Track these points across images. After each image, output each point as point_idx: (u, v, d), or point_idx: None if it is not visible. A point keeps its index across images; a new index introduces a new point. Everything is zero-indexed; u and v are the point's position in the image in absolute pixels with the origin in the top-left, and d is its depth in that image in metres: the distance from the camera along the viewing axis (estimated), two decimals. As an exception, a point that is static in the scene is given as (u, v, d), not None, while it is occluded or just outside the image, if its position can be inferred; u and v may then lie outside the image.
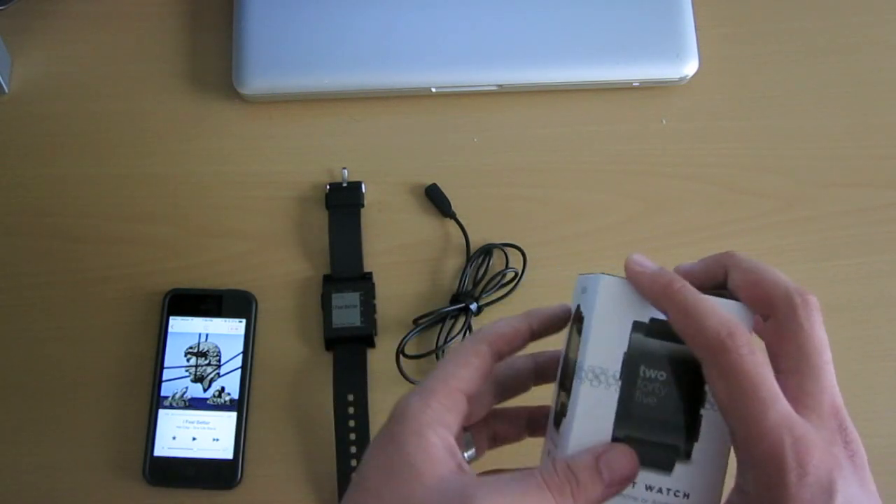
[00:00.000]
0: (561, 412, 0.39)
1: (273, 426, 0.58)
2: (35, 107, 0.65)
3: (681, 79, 0.64)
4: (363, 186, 0.62)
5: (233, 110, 0.65)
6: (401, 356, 0.57)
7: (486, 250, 0.60)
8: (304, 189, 0.63)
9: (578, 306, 0.40)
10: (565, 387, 0.39)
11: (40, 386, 0.59)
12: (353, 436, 0.57)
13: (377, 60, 0.63)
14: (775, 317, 0.37)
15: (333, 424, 0.57)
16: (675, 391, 0.37)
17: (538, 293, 0.60)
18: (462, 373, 0.37)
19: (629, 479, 0.35)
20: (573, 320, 0.40)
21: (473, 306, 0.59)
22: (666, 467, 0.36)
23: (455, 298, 0.59)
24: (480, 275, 0.60)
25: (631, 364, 0.37)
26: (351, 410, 0.57)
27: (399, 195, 0.63)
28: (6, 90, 0.64)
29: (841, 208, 0.62)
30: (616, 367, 0.37)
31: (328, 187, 0.62)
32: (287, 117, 0.64)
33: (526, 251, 0.60)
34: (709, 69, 0.64)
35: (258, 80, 0.63)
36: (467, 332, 0.58)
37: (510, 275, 0.60)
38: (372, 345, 0.59)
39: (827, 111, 0.65)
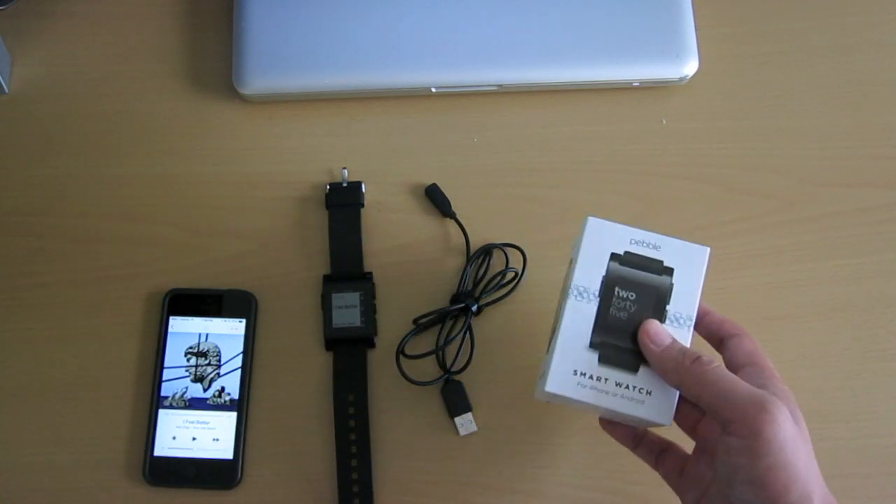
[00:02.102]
0: (552, 336, 0.48)
1: (273, 426, 0.58)
2: (35, 107, 0.65)
3: (681, 79, 0.64)
4: (363, 186, 0.62)
5: (233, 110, 0.65)
6: (401, 356, 0.57)
7: (486, 250, 0.60)
8: (304, 189, 0.63)
9: (571, 259, 0.49)
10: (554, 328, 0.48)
11: (40, 386, 0.59)
12: (353, 436, 0.57)
13: (377, 60, 0.63)
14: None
15: (333, 424, 0.57)
16: (642, 309, 0.46)
17: (538, 293, 0.60)
18: None
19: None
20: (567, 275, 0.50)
21: (473, 306, 0.59)
22: (633, 369, 0.46)
23: (455, 298, 0.59)
24: (480, 275, 0.60)
25: (608, 285, 0.47)
26: (351, 410, 0.57)
27: (399, 195, 0.63)
28: (6, 90, 0.65)
29: (841, 208, 0.62)
30: (596, 286, 0.47)
31: (328, 187, 0.62)
32: (287, 117, 0.64)
33: (526, 251, 0.60)
34: (709, 69, 0.64)
35: (258, 80, 0.63)
36: (467, 332, 0.58)
37: (510, 275, 0.60)
38: (372, 345, 0.59)
39: (827, 111, 0.65)
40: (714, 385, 0.42)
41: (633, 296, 0.47)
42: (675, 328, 0.46)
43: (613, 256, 0.47)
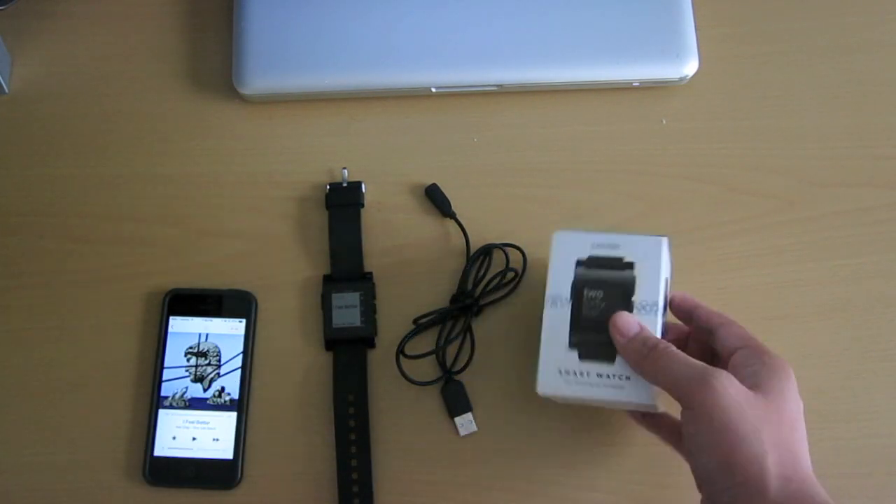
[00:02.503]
0: None
1: (273, 426, 0.58)
2: (35, 107, 0.65)
3: (681, 79, 0.64)
4: (363, 186, 0.62)
5: (233, 110, 0.65)
6: (401, 356, 0.57)
7: (486, 250, 0.60)
8: (304, 189, 0.63)
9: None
10: None
11: (40, 386, 0.59)
12: (353, 436, 0.57)
13: (377, 60, 0.63)
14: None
15: (333, 424, 0.57)
16: (611, 304, 0.50)
17: (538, 293, 0.60)
18: None
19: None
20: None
21: (474, 306, 0.58)
22: (610, 359, 0.50)
23: (455, 298, 0.59)
24: (480, 275, 0.60)
25: (577, 289, 0.51)
26: (351, 410, 0.57)
27: (399, 195, 0.63)
28: (6, 90, 0.65)
29: (841, 208, 0.62)
30: (567, 292, 0.51)
31: (328, 187, 0.62)
32: (287, 117, 0.64)
33: (526, 251, 0.60)
34: (709, 69, 0.64)
35: (258, 80, 0.63)
36: (467, 332, 0.58)
37: (510, 275, 0.60)
38: (372, 345, 0.59)
39: (827, 111, 0.65)
40: (665, 368, 0.46)
41: (601, 294, 0.51)
42: (644, 315, 0.50)
43: (578, 262, 0.52)
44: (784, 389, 0.46)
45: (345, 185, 0.62)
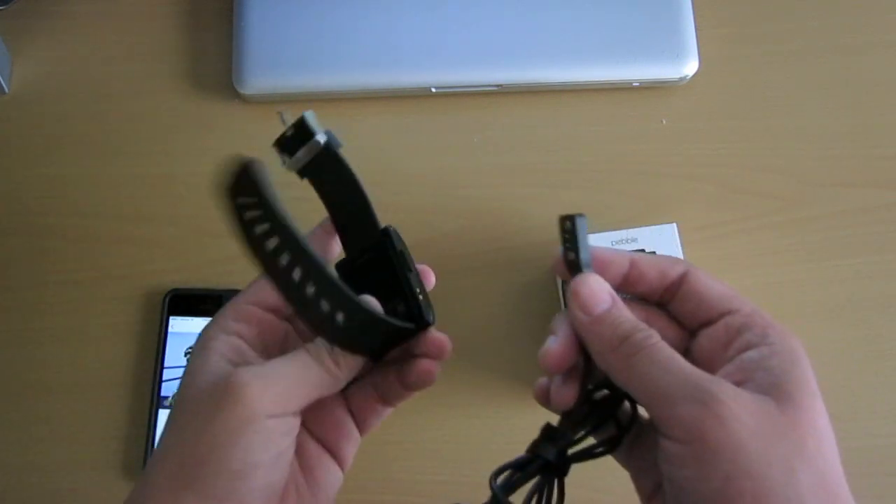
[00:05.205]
0: None
1: (273, 426, 0.58)
2: (35, 107, 0.65)
3: (681, 79, 0.64)
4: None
5: (233, 110, 0.65)
6: None
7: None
8: (304, 189, 0.63)
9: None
10: None
11: (40, 386, 0.59)
12: (353, 436, 0.57)
13: (377, 60, 0.63)
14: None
15: (333, 424, 0.57)
16: None
17: (536, 292, 0.60)
18: (251, 290, 0.41)
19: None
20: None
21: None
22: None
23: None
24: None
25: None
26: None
27: (398, 195, 0.63)
28: (6, 90, 0.65)
29: (841, 208, 0.62)
30: None
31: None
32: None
33: (525, 251, 0.60)
34: (709, 69, 0.64)
35: (258, 80, 0.63)
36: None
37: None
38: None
39: (827, 111, 0.65)
40: (643, 373, 0.33)
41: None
42: None
43: None
44: (808, 388, 0.34)
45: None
